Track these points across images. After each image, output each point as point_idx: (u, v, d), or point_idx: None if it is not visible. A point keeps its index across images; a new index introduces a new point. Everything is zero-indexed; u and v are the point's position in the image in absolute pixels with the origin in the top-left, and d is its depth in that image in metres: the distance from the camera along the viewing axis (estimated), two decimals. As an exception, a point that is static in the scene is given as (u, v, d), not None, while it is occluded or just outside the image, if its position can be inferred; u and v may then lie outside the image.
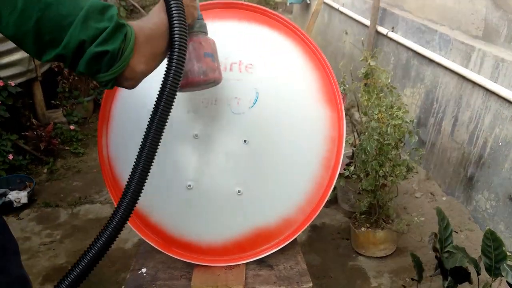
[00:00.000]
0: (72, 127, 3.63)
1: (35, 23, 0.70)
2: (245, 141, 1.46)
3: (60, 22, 0.71)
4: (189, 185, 1.46)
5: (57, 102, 3.76)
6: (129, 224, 1.50)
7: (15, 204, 2.74)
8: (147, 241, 1.49)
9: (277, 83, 1.52)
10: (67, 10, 0.71)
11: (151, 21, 0.87)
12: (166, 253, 1.47)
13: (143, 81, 1.53)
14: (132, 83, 0.84)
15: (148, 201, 1.49)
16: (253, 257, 1.47)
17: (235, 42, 1.54)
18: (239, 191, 1.46)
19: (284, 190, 1.49)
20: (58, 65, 3.79)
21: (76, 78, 3.82)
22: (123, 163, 1.49)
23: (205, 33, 1.12)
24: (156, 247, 1.48)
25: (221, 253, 1.48)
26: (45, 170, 3.24)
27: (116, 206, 0.85)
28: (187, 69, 1.06)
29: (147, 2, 9.60)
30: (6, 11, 0.69)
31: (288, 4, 6.25)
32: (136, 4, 8.65)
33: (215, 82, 1.13)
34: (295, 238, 1.52)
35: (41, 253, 2.39)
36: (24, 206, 2.79)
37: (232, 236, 1.48)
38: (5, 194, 2.78)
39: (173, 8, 0.86)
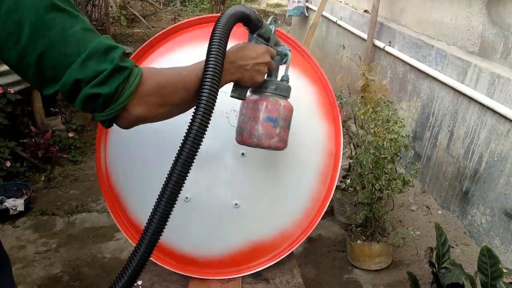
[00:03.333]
0: (70, 134, 3.63)
1: (37, 58, 0.70)
2: (242, 154, 1.48)
3: (63, 61, 0.71)
4: (187, 198, 1.46)
5: (56, 109, 3.76)
6: (124, 235, 1.51)
7: (11, 212, 2.73)
8: (144, 253, 1.48)
9: (276, 96, 1.53)
10: (71, 50, 0.71)
11: (178, 71, 0.86)
12: (162, 265, 1.47)
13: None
14: (130, 125, 0.81)
15: (145, 212, 1.49)
16: (249, 271, 1.47)
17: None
18: (236, 204, 1.46)
19: (281, 203, 1.50)
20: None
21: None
22: (121, 174, 1.50)
23: (282, 96, 1.10)
24: (152, 259, 1.48)
25: (217, 266, 1.48)
26: (43, 178, 3.24)
27: (135, 247, 0.83)
28: (245, 127, 1.07)
29: (148, 12, 9.67)
30: (10, 43, 0.69)
31: (287, 16, 6.31)
32: (136, 14, 8.71)
33: (274, 148, 1.09)
34: (292, 251, 1.53)
35: (36, 262, 2.38)
36: (20, 214, 2.78)
37: (228, 249, 1.48)
38: (1, 202, 2.77)
39: (210, 66, 0.83)
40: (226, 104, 1.48)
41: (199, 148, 0.84)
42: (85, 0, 6.36)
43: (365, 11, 3.97)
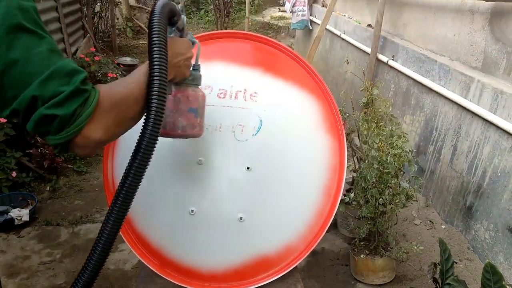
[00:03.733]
0: (75, 146, 3.66)
1: None
2: (248, 168, 1.49)
3: (25, 80, 0.69)
4: (192, 211, 1.48)
5: (62, 120, 3.80)
6: (130, 247, 1.52)
7: (16, 222, 2.75)
8: (148, 266, 1.50)
9: (281, 111, 1.56)
10: (33, 69, 0.70)
11: (126, 85, 0.83)
12: (167, 278, 1.48)
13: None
14: (85, 151, 0.77)
15: (150, 225, 1.51)
16: (254, 285, 1.48)
17: (240, 71, 1.59)
18: (241, 218, 1.48)
19: (285, 217, 1.51)
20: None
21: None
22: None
23: (197, 85, 1.13)
24: (156, 271, 1.49)
25: (222, 280, 1.49)
26: (48, 188, 3.26)
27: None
28: (168, 120, 1.06)
29: (153, 22, 9.78)
30: None
31: (291, 29, 6.37)
32: (142, 25, 8.81)
33: (194, 137, 1.13)
34: (296, 266, 1.53)
35: (40, 272, 2.39)
36: (25, 224, 2.80)
37: (233, 262, 1.49)
38: (6, 212, 2.79)
39: (155, 73, 0.82)
40: (232, 118, 1.51)
41: (150, 160, 0.84)
42: (92, 12, 6.46)
43: (369, 25, 4.01)
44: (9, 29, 0.68)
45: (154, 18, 0.86)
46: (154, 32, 0.84)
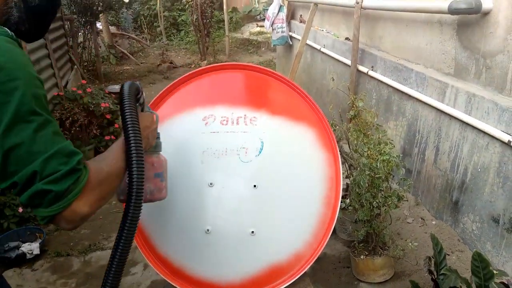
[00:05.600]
0: (76, 176, 3.76)
1: (5, 153, 0.77)
2: (254, 186, 1.66)
3: (29, 158, 0.78)
4: (207, 230, 1.63)
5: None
6: (154, 269, 1.66)
7: (28, 256, 2.84)
8: (172, 284, 1.63)
9: (279, 132, 1.73)
10: (39, 148, 0.79)
11: (109, 162, 0.93)
12: (190, 293, 1.62)
13: (171, 124, 1.74)
14: (70, 225, 0.85)
15: (170, 247, 1.65)
16: (269, 291, 1.63)
17: (241, 99, 1.76)
18: (252, 232, 1.63)
19: (292, 228, 1.67)
20: (60, 117, 3.96)
21: (77, 128, 3.99)
22: (147, 215, 1.65)
23: (159, 152, 1.23)
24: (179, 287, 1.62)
25: (240, 290, 1.63)
26: (53, 220, 3.35)
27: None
28: None
29: (135, 48, 9.93)
30: None
31: (272, 45, 6.59)
32: (125, 51, 8.94)
33: (160, 199, 1.20)
34: (305, 271, 1.69)
35: (58, 302, 2.49)
36: (36, 257, 2.89)
37: (248, 273, 1.64)
38: (18, 247, 2.88)
39: (132, 151, 0.92)
40: (236, 142, 1.67)
41: (137, 226, 0.93)
42: (77, 44, 6.59)
43: (346, 38, 4.24)
44: (23, 113, 0.78)
45: (125, 99, 0.99)
46: (127, 113, 0.96)
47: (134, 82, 1.09)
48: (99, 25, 8.50)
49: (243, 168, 1.67)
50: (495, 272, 1.65)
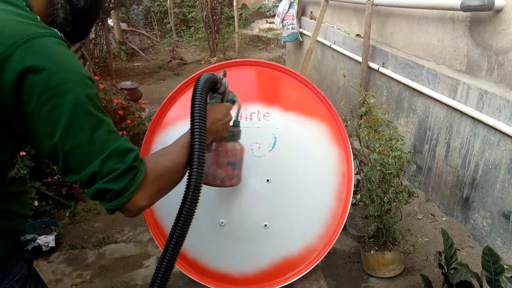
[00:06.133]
0: (89, 171, 3.83)
1: (65, 154, 0.82)
2: (268, 180, 1.69)
3: (87, 158, 0.83)
4: (222, 223, 1.66)
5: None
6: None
7: (44, 248, 2.91)
8: (188, 275, 1.67)
9: (292, 127, 1.76)
10: (95, 149, 0.83)
11: (170, 158, 0.96)
12: (203, 284, 1.66)
13: (184, 122, 1.77)
14: (131, 214, 0.91)
15: (186, 239, 1.69)
16: (282, 284, 1.66)
17: (254, 95, 1.79)
18: (265, 225, 1.66)
19: (304, 221, 1.70)
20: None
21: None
22: (160, 205, 1.69)
23: (237, 140, 1.24)
24: (194, 279, 1.66)
25: (253, 282, 1.67)
26: (67, 214, 3.42)
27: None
28: (208, 172, 1.18)
29: (145, 45, 10.00)
30: (45, 139, 0.82)
31: (282, 42, 6.61)
32: (135, 48, 9.01)
33: (231, 186, 1.24)
34: (317, 264, 1.72)
35: (74, 293, 2.56)
36: (52, 250, 2.96)
37: (262, 265, 1.67)
38: (34, 239, 2.95)
39: (195, 147, 0.94)
40: (249, 137, 1.70)
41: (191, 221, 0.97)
42: (89, 40, 6.66)
43: (357, 35, 4.24)
44: (79, 115, 0.82)
45: (196, 93, 1.00)
46: (196, 107, 0.98)
47: (211, 74, 1.08)
48: (110, 21, 8.58)
49: (256, 162, 1.69)
50: (505, 266, 1.67)
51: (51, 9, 0.96)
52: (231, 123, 1.21)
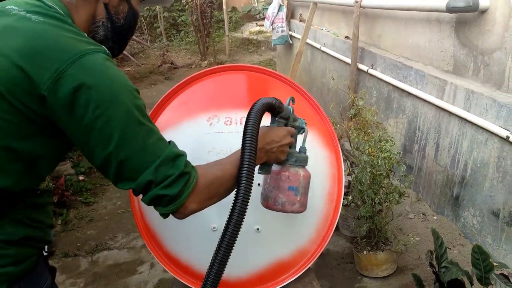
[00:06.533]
0: (81, 178, 3.82)
1: (119, 163, 0.86)
2: (259, 184, 1.69)
3: (140, 166, 0.87)
4: (214, 227, 1.67)
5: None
6: (162, 266, 1.70)
7: (36, 257, 2.89)
8: (180, 280, 1.68)
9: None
10: (148, 158, 0.88)
11: (222, 167, 1.01)
12: (198, 289, 1.66)
13: (186, 126, 1.78)
14: (182, 216, 0.97)
15: (178, 245, 1.70)
16: (275, 286, 1.67)
17: (244, 99, 1.80)
18: (257, 229, 1.68)
19: (296, 224, 1.72)
20: (64, 120, 4.01)
21: (81, 131, 4.05)
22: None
23: (301, 166, 1.24)
24: (188, 285, 1.67)
25: (247, 285, 1.68)
26: (60, 222, 3.40)
27: None
28: (270, 195, 1.22)
29: (135, 49, 9.97)
30: (99, 149, 0.86)
31: (272, 45, 6.64)
32: (125, 53, 8.98)
33: (293, 212, 1.24)
34: (309, 267, 1.74)
35: (68, 301, 2.54)
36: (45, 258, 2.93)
37: (255, 269, 1.69)
38: (26, 248, 2.93)
39: (245, 160, 0.98)
40: (240, 142, 1.71)
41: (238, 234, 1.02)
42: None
43: (346, 37, 4.28)
44: (131, 126, 0.86)
45: (251, 114, 1.04)
46: (249, 126, 1.02)
47: (271, 98, 1.10)
48: (99, 27, 8.54)
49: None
50: (495, 264, 1.70)
51: (92, 26, 1.00)
52: (297, 149, 1.25)
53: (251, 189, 1.00)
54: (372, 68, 3.63)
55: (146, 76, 8.20)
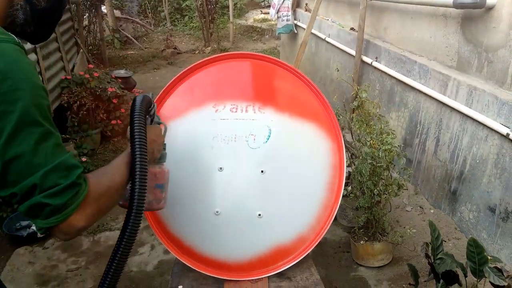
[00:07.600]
0: (84, 159, 3.85)
1: (6, 162, 0.76)
2: (262, 171, 1.73)
3: (30, 170, 0.77)
4: (217, 211, 1.71)
5: (67, 136, 3.98)
6: (166, 247, 1.75)
7: (39, 235, 2.94)
8: (182, 261, 1.72)
9: (285, 120, 1.80)
10: (39, 161, 0.78)
11: (111, 177, 0.93)
12: (199, 271, 1.71)
13: (190, 117, 1.81)
14: (65, 237, 0.85)
15: (181, 227, 1.74)
16: (275, 271, 1.72)
17: (250, 87, 1.83)
18: (259, 215, 1.72)
19: (297, 211, 1.76)
20: (68, 100, 4.03)
21: (84, 112, 4.07)
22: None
23: (163, 162, 1.23)
24: (190, 266, 1.71)
25: (247, 269, 1.72)
26: (62, 201, 3.45)
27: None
28: None
29: (139, 33, 9.92)
30: None
31: (276, 34, 6.62)
32: (129, 36, 8.95)
33: (158, 209, 1.24)
34: (308, 253, 1.78)
35: (69, 279, 2.60)
36: (47, 236, 2.98)
37: (255, 253, 1.73)
38: (29, 226, 2.98)
39: (137, 167, 0.93)
40: (245, 129, 1.75)
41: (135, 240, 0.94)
42: (82, 27, 6.61)
43: (352, 28, 4.28)
44: (25, 124, 0.77)
45: (135, 114, 1.00)
46: (136, 128, 0.97)
47: (146, 95, 1.11)
48: (103, 8, 8.50)
49: (251, 154, 1.74)
50: (489, 257, 1.75)
51: (10, 10, 0.93)
52: None
53: (146, 194, 0.96)
54: (376, 61, 3.64)
55: (149, 60, 8.18)
